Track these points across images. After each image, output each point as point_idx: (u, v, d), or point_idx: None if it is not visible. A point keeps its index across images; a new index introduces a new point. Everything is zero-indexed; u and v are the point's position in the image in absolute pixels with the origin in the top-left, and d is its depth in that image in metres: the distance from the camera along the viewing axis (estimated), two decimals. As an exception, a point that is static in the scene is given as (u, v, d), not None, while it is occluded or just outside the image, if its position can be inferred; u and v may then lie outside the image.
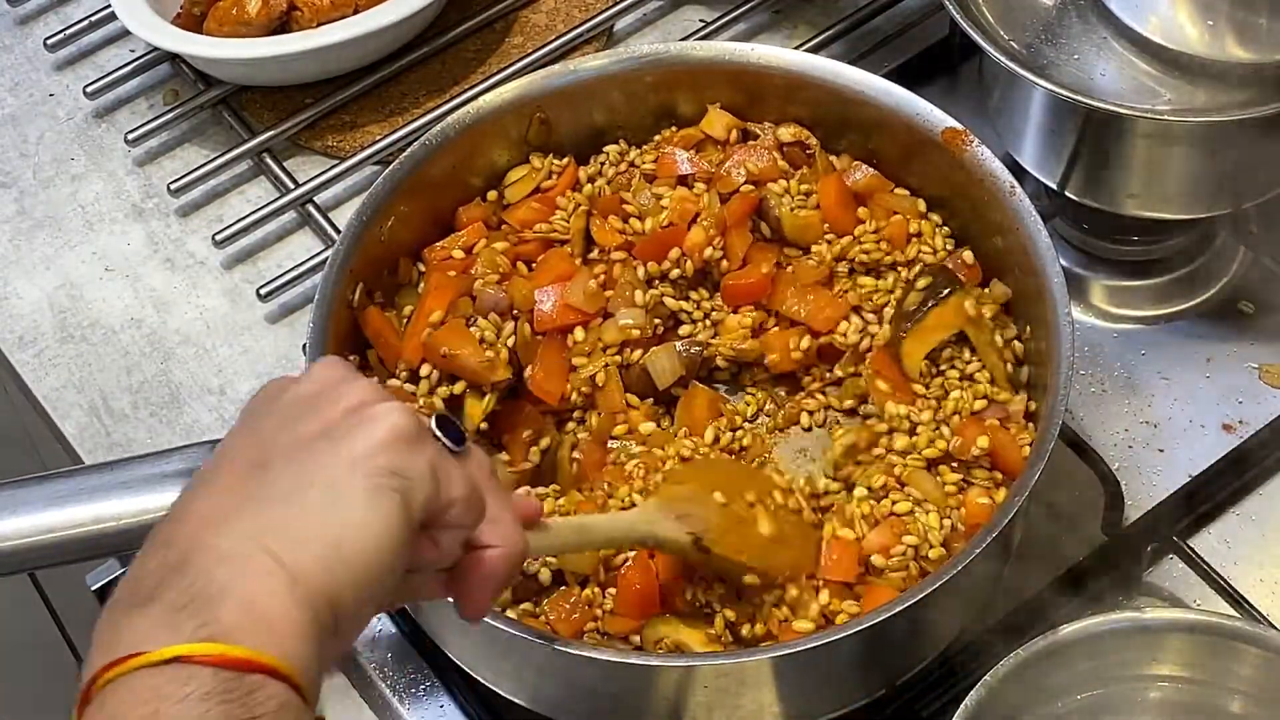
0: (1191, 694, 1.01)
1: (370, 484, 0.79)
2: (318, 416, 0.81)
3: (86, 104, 1.43)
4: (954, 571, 0.95)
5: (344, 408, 0.82)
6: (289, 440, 0.81)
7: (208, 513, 0.78)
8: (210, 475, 0.81)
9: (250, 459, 0.80)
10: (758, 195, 1.15)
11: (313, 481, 0.79)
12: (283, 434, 0.81)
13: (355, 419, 0.81)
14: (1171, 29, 1.17)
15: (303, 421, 0.81)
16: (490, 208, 1.18)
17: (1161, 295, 1.26)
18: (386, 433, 0.80)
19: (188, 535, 0.77)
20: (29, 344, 1.30)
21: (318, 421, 0.81)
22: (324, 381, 0.84)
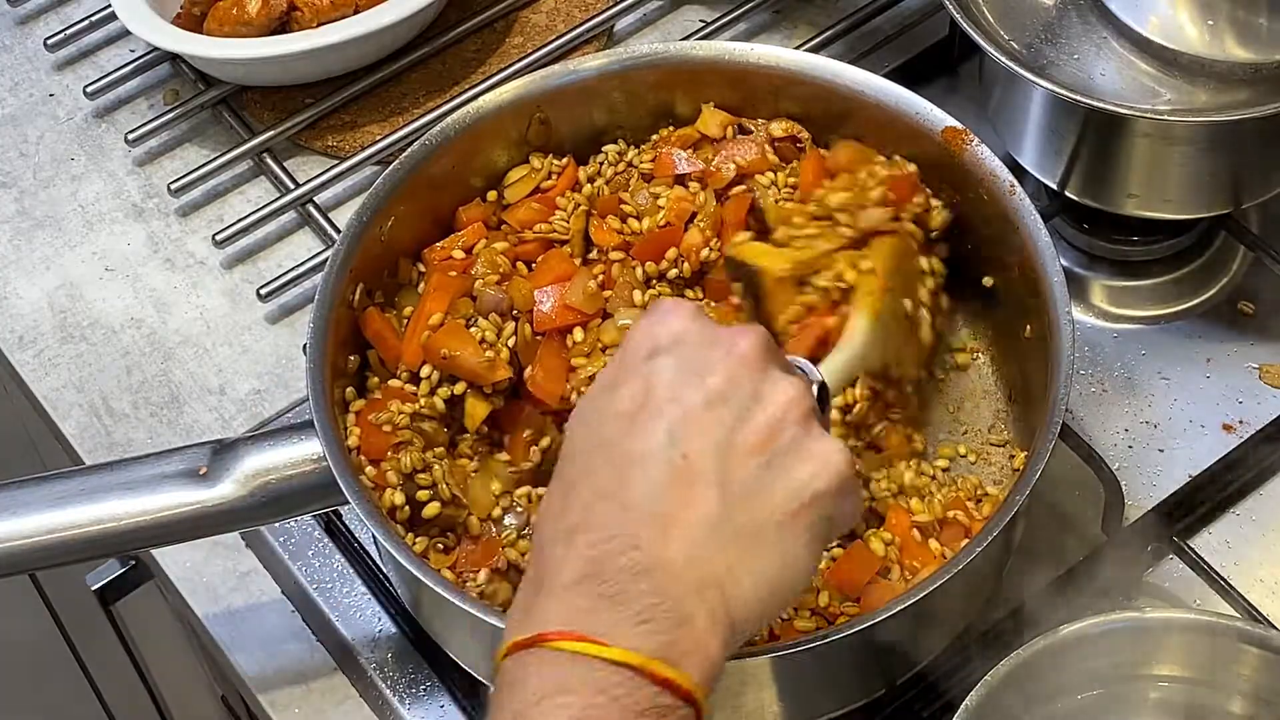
0: (1191, 694, 1.00)
1: (811, 535, 0.83)
2: (761, 426, 0.83)
3: (86, 104, 1.43)
4: (954, 571, 0.95)
5: (785, 421, 0.84)
6: (741, 452, 0.82)
7: (680, 525, 0.81)
8: (657, 462, 0.82)
9: (707, 466, 0.82)
10: (751, 195, 1.15)
11: (765, 520, 0.82)
12: (733, 438, 0.83)
13: (799, 447, 0.84)
14: (1171, 29, 1.17)
15: (747, 427, 0.83)
16: (490, 208, 1.18)
17: (1161, 295, 1.26)
18: (829, 479, 0.84)
19: (657, 546, 0.80)
20: (29, 344, 1.30)
21: (764, 429, 0.83)
22: (757, 370, 0.85)
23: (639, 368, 0.85)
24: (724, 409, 0.83)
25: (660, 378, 0.84)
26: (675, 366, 0.84)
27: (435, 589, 0.97)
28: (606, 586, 0.79)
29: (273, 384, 1.26)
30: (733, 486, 0.82)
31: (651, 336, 0.86)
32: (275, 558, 1.17)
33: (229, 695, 1.35)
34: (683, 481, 0.82)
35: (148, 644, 1.48)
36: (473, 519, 1.05)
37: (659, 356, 0.85)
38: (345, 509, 1.12)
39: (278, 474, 1.03)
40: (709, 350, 0.85)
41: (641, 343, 0.86)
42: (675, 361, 0.85)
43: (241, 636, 1.14)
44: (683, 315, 0.87)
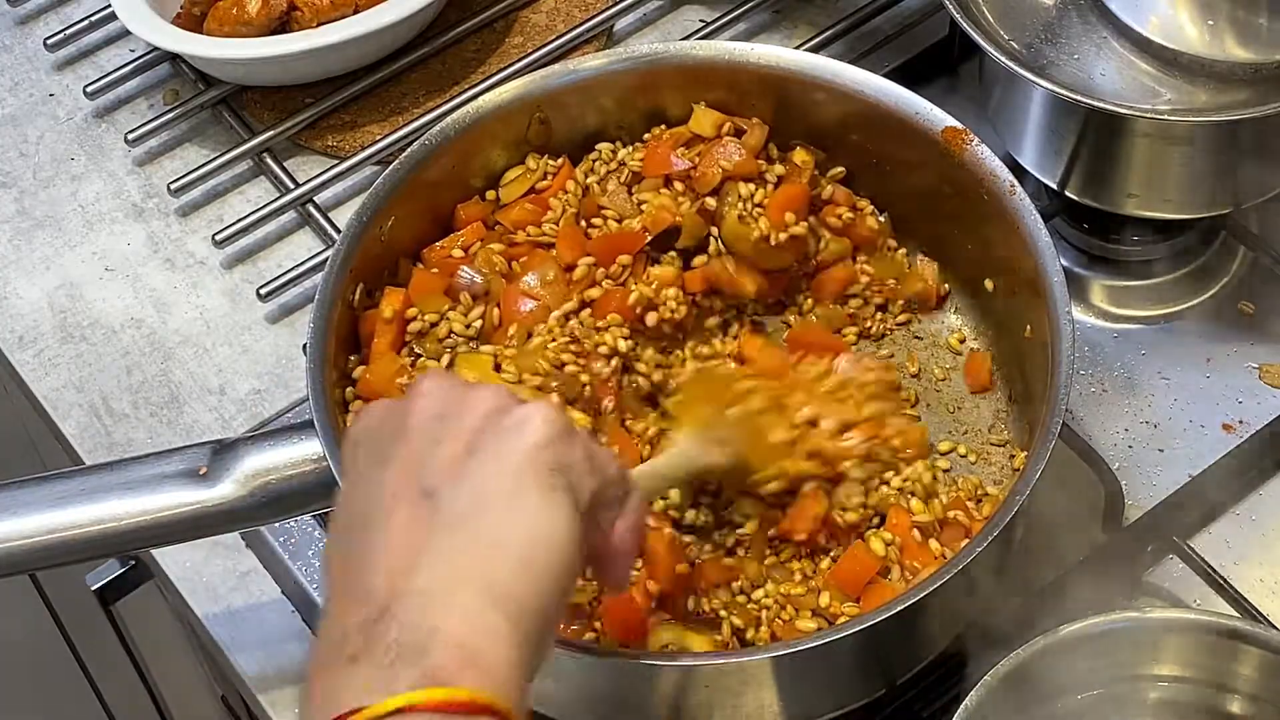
0: (1191, 694, 1.01)
1: (543, 484, 0.79)
2: (458, 432, 0.81)
3: (86, 104, 1.43)
4: (954, 571, 0.95)
5: (482, 416, 0.81)
6: (441, 464, 0.80)
7: (396, 556, 0.77)
8: (377, 518, 0.79)
9: (415, 491, 0.79)
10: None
11: (486, 499, 0.79)
12: (431, 459, 0.80)
13: (501, 425, 0.81)
14: (1171, 29, 1.17)
15: (445, 442, 0.81)
16: (489, 206, 1.18)
17: (1161, 295, 1.26)
18: (539, 430, 0.80)
19: (383, 585, 0.76)
20: (29, 344, 1.30)
21: (461, 438, 0.81)
22: (443, 397, 0.83)
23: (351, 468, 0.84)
24: (419, 438, 0.81)
25: (358, 459, 0.83)
26: (369, 446, 0.83)
27: (435, 589, 0.97)
28: (349, 649, 0.75)
29: (273, 384, 1.26)
30: (440, 488, 0.79)
31: (355, 438, 0.85)
32: (275, 558, 1.17)
33: (229, 695, 1.35)
34: (388, 510, 0.79)
35: (148, 644, 1.48)
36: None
37: (358, 447, 0.84)
38: (345, 509, 1.12)
39: (278, 474, 1.03)
40: (394, 417, 0.83)
41: (350, 451, 0.85)
42: (368, 445, 0.83)
43: (241, 636, 1.14)
44: (372, 411, 0.85)
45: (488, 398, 0.82)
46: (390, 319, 1.11)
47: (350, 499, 0.83)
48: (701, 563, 1.05)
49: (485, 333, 1.12)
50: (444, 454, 0.80)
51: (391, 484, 0.80)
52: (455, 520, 0.78)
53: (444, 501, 0.79)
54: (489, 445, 0.80)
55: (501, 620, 0.76)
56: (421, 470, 0.80)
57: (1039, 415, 1.04)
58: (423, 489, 0.79)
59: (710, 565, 1.05)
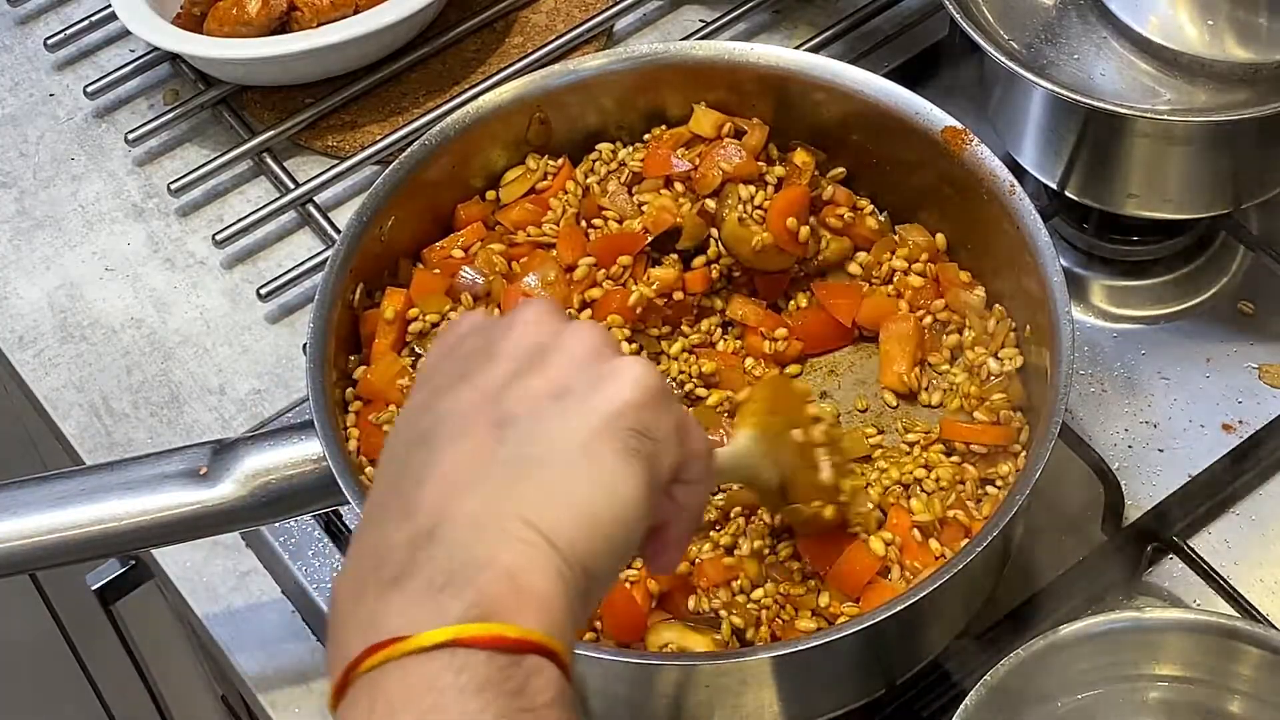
0: (1191, 694, 1.00)
1: (621, 447, 0.75)
2: (551, 369, 0.77)
3: (86, 104, 1.43)
4: (954, 571, 0.95)
5: (578, 359, 0.78)
6: (525, 395, 0.76)
7: (452, 477, 0.73)
8: (441, 434, 0.75)
9: (488, 418, 0.75)
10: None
11: (563, 444, 0.75)
12: (513, 389, 0.76)
13: (595, 374, 0.77)
14: (1171, 29, 1.17)
15: (532, 376, 0.77)
16: (489, 206, 1.18)
17: (1161, 295, 1.26)
18: (632, 391, 0.76)
19: (434, 503, 0.72)
20: (29, 344, 1.30)
21: (553, 374, 0.77)
22: (542, 327, 0.79)
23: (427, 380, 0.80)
24: (505, 364, 0.77)
25: (439, 370, 0.79)
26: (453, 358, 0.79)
27: (435, 589, 0.97)
28: (391, 570, 0.70)
29: (273, 384, 1.26)
30: (517, 421, 0.75)
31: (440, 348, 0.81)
32: (275, 558, 1.17)
33: (229, 695, 1.35)
34: (455, 430, 0.75)
35: (148, 644, 1.48)
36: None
37: (443, 359, 0.80)
38: (345, 509, 1.12)
39: (278, 474, 1.03)
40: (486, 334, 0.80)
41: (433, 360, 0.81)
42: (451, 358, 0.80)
43: (241, 636, 1.14)
44: (465, 323, 0.82)
45: (586, 338, 0.79)
46: (392, 319, 1.11)
47: (418, 409, 0.78)
48: (701, 563, 1.05)
49: None
50: (528, 388, 0.76)
51: (465, 404, 0.76)
52: (523, 458, 0.74)
53: (516, 436, 0.74)
54: (577, 391, 0.76)
55: (559, 563, 0.71)
56: (501, 398, 0.76)
57: (1039, 415, 1.04)
58: (497, 417, 0.75)
59: (710, 565, 1.05)
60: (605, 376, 0.77)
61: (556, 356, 0.78)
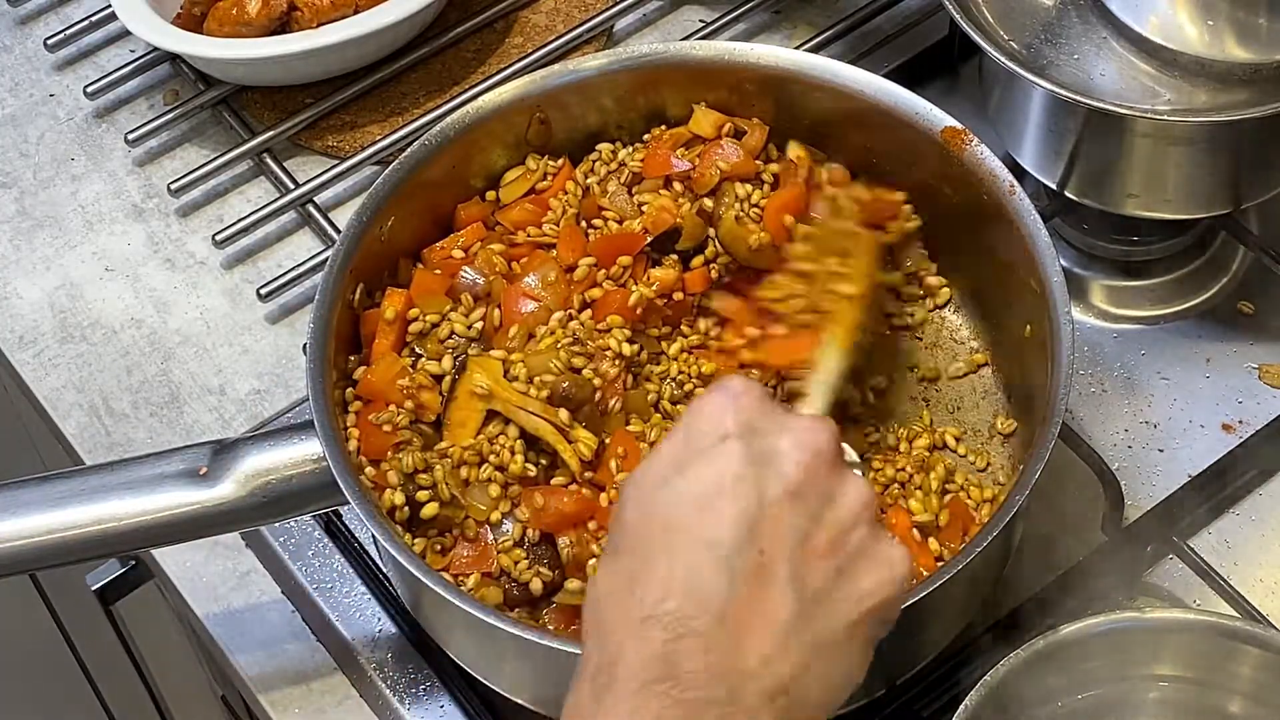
0: (1191, 694, 1.00)
1: (870, 637, 0.82)
2: (837, 525, 0.81)
3: (86, 104, 1.43)
4: (954, 571, 0.95)
5: (861, 521, 0.82)
6: (814, 560, 0.80)
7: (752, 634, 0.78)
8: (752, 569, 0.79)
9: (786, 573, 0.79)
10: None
11: (837, 629, 0.80)
12: (808, 543, 0.80)
13: (871, 554, 0.82)
14: (1171, 29, 1.17)
15: (823, 527, 0.81)
16: (489, 206, 1.18)
17: (1161, 295, 1.26)
18: (894, 587, 0.82)
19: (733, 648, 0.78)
20: (29, 344, 1.30)
21: (837, 543, 0.81)
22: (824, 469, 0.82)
23: (709, 451, 0.81)
24: (800, 505, 0.80)
25: (735, 463, 0.80)
26: (748, 452, 0.81)
27: (435, 589, 0.97)
28: (680, 690, 0.76)
29: (273, 384, 1.26)
30: (807, 591, 0.79)
31: (721, 418, 0.82)
32: (275, 558, 1.17)
33: (229, 695, 1.35)
34: (760, 580, 0.78)
35: (148, 644, 1.48)
36: (469, 522, 1.05)
37: (730, 440, 0.81)
38: (345, 509, 1.12)
39: (278, 474, 1.03)
40: (785, 438, 0.82)
41: (711, 422, 0.82)
42: (748, 447, 0.81)
43: (241, 636, 1.15)
44: (753, 398, 0.83)
45: (863, 498, 0.82)
46: (392, 320, 1.11)
47: (700, 478, 0.81)
48: (701, 563, 1.05)
49: (486, 334, 1.12)
50: (816, 545, 0.80)
51: (764, 530, 0.79)
52: (805, 634, 0.79)
53: (805, 606, 0.79)
54: (853, 573, 0.81)
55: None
56: (796, 544, 0.80)
57: (1039, 415, 1.04)
58: (794, 572, 0.79)
59: (710, 565, 1.05)
60: (879, 561, 0.82)
61: (844, 510, 0.82)
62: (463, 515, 1.05)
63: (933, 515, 1.07)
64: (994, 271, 1.14)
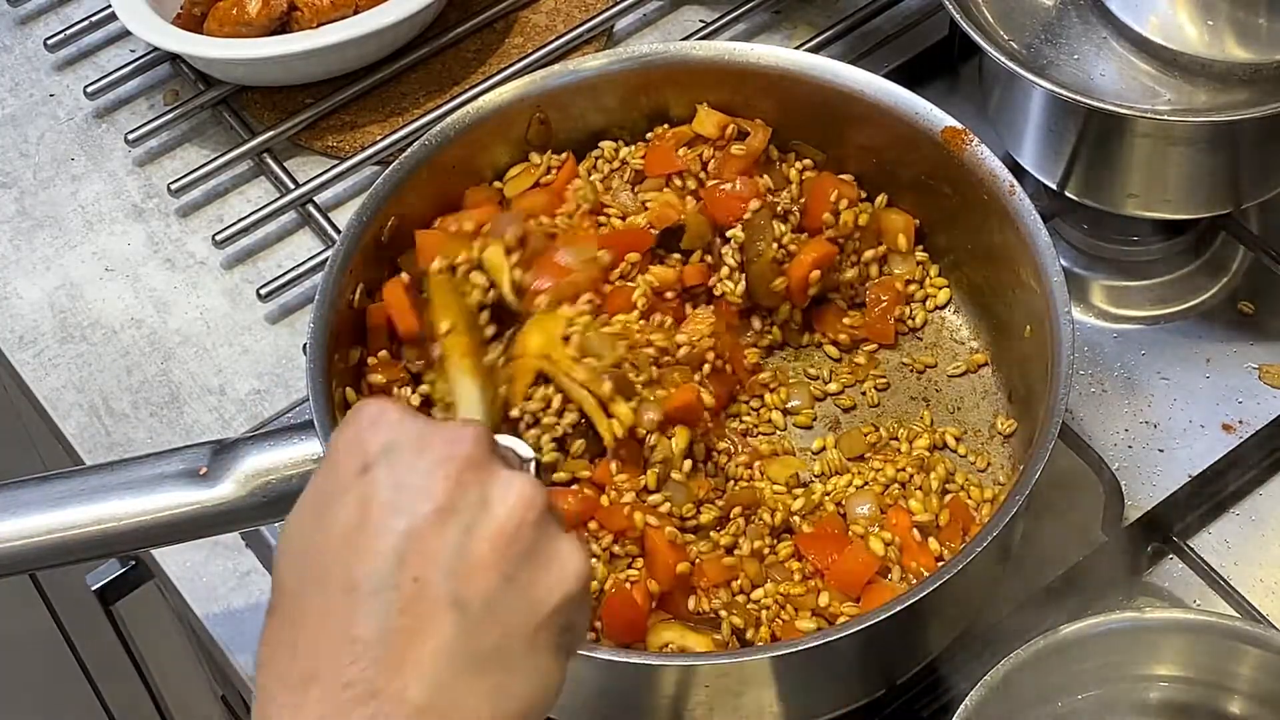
0: (1191, 694, 1.01)
1: (557, 644, 0.77)
2: (496, 537, 0.76)
3: (86, 104, 1.43)
4: (954, 571, 0.95)
5: (527, 529, 0.76)
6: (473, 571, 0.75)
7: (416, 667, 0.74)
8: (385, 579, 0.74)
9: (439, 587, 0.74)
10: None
11: (511, 638, 0.76)
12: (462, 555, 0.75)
13: (539, 556, 0.77)
14: (1171, 29, 1.17)
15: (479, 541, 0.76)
16: (496, 193, 1.18)
17: (1161, 295, 1.26)
18: (574, 584, 0.77)
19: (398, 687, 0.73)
20: (29, 344, 1.30)
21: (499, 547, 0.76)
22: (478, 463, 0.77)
23: (351, 483, 0.77)
24: (455, 518, 0.75)
25: (377, 491, 0.76)
26: (392, 477, 0.76)
27: (435, 589, 0.97)
28: (315, 709, 0.72)
29: (273, 384, 1.26)
30: (472, 607, 0.75)
31: (360, 446, 0.78)
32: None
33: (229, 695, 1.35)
34: (419, 609, 0.74)
35: (148, 644, 1.48)
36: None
37: (372, 469, 0.77)
38: (345, 509, 1.12)
39: (278, 474, 1.02)
40: (427, 454, 0.77)
41: (349, 454, 0.78)
42: (391, 471, 0.76)
43: (241, 636, 1.14)
44: (390, 419, 0.78)
45: (524, 498, 0.77)
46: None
47: (345, 516, 0.77)
48: (701, 562, 1.05)
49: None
50: (476, 557, 0.75)
51: (414, 555, 0.75)
52: (478, 652, 0.75)
53: (472, 622, 0.75)
54: (523, 577, 0.76)
55: None
56: (453, 561, 0.75)
57: (1039, 415, 1.04)
58: (454, 591, 0.75)
59: (710, 565, 1.05)
60: (553, 559, 0.77)
61: (502, 513, 0.77)
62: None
63: (933, 515, 1.07)
64: (994, 272, 1.14)
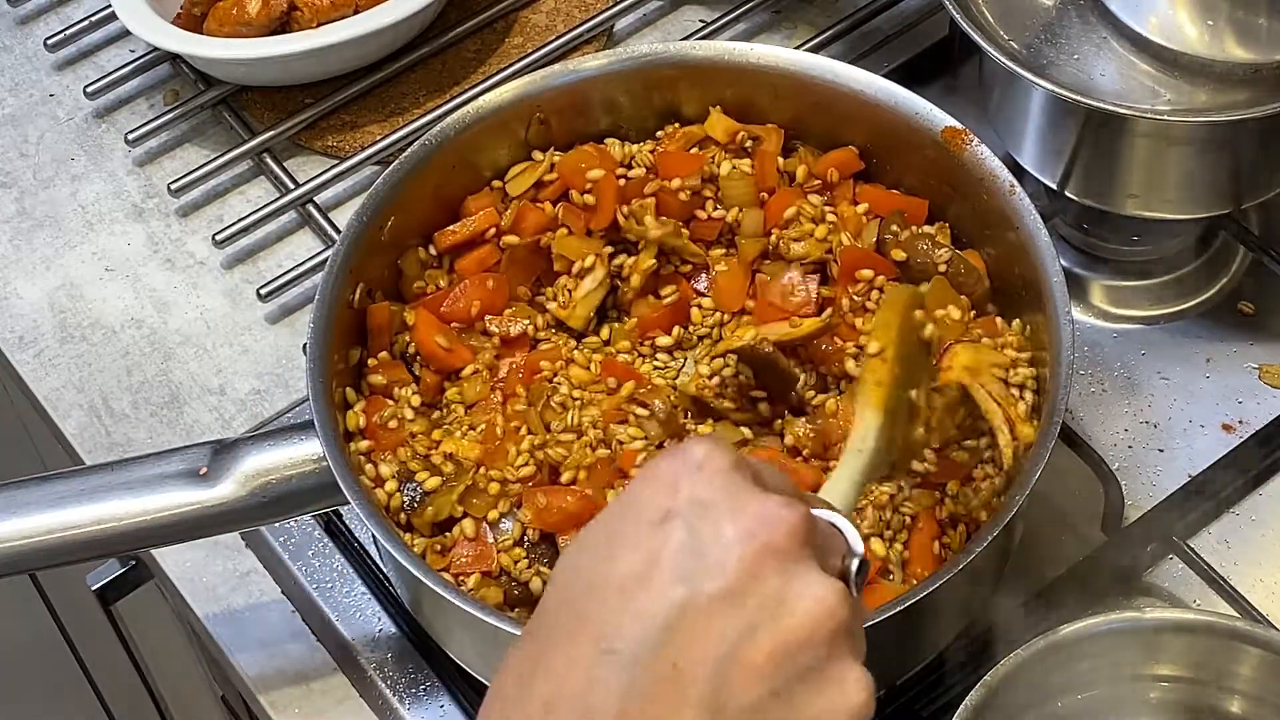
0: (1191, 694, 1.00)
1: None
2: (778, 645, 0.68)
3: (86, 104, 1.43)
4: (954, 571, 0.95)
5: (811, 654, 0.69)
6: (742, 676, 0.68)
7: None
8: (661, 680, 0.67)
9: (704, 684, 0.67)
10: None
11: None
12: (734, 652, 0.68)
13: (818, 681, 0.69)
14: (1171, 29, 1.17)
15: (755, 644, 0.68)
16: (497, 195, 1.18)
17: (1161, 295, 1.26)
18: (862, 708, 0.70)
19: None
20: (29, 344, 1.30)
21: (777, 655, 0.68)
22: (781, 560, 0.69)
23: (645, 530, 0.70)
24: (736, 610, 0.68)
25: (669, 550, 0.69)
26: (690, 538, 0.69)
27: (435, 589, 0.97)
28: None
29: (273, 384, 1.26)
30: (725, 714, 0.67)
31: (672, 488, 0.70)
32: (275, 558, 1.17)
33: (229, 695, 1.35)
34: (667, 700, 0.67)
35: (148, 644, 1.48)
36: (468, 521, 1.05)
37: (673, 520, 0.69)
38: (345, 509, 1.12)
39: (278, 474, 1.03)
40: (737, 523, 0.69)
41: (654, 499, 0.71)
42: (691, 531, 0.69)
43: (241, 636, 1.15)
44: (714, 467, 0.71)
45: (825, 607, 0.69)
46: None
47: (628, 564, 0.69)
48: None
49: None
50: (748, 661, 0.68)
51: (685, 637, 0.68)
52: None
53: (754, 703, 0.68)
54: (794, 697, 0.68)
55: None
56: (721, 659, 0.68)
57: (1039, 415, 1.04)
58: (713, 694, 0.67)
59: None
60: (831, 685, 0.70)
61: (793, 621, 0.69)
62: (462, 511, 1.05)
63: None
64: (994, 271, 1.13)
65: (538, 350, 1.12)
